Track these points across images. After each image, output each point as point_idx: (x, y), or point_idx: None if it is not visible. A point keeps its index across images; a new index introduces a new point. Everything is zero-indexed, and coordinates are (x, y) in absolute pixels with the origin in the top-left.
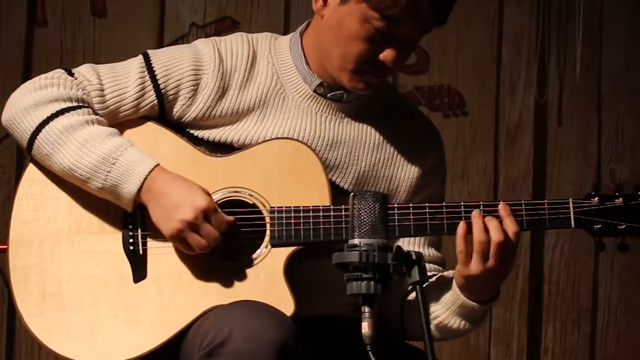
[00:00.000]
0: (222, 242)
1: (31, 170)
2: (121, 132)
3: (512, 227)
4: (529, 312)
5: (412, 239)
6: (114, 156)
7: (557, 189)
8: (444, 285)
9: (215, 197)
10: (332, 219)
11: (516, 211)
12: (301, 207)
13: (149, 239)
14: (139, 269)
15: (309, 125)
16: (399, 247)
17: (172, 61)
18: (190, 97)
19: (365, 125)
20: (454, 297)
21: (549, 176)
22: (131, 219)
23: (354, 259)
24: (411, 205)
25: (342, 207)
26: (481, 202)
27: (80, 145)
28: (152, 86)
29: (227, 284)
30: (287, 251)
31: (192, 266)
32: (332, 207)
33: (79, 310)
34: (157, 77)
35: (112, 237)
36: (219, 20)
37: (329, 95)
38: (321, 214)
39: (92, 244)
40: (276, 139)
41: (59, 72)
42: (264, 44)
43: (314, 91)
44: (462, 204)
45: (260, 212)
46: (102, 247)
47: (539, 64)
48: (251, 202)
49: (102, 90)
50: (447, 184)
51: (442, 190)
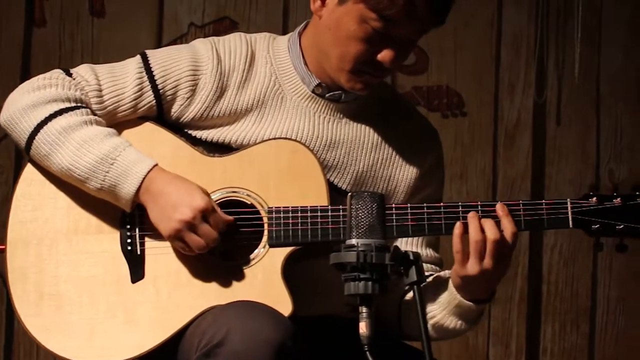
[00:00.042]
0: (220, 242)
1: (29, 170)
2: (119, 132)
3: (509, 227)
4: (527, 312)
5: (410, 239)
6: (112, 156)
7: (556, 189)
8: (441, 285)
9: (213, 197)
10: (330, 219)
11: (514, 211)
12: (299, 208)
13: (146, 239)
14: (137, 269)
15: (307, 125)
16: (396, 247)
17: (170, 61)
18: (188, 98)
19: (363, 125)
20: (451, 297)
21: (548, 176)
22: (129, 219)
23: (352, 259)
24: (409, 205)
25: (340, 207)
26: (479, 202)
27: (78, 145)
28: (150, 86)
29: (225, 284)
30: (285, 251)
31: (190, 266)
32: (330, 207)
33: (77, 310)
34: (155, 78)
35: (110, 237)
36: (217, 20)
37: (327, 95)
38: (319, 214)
39: (90, 244)
40: (274, 139)
41: (57, 73)
42: (262, 44)
43: (312, 91)
44: (460, 204)
45: (258, 213)
46: (100, 247)
47: (538, 64)
48: (249, 203)
49: (100, 90)
50: (446, 184)
51: (440, 190)
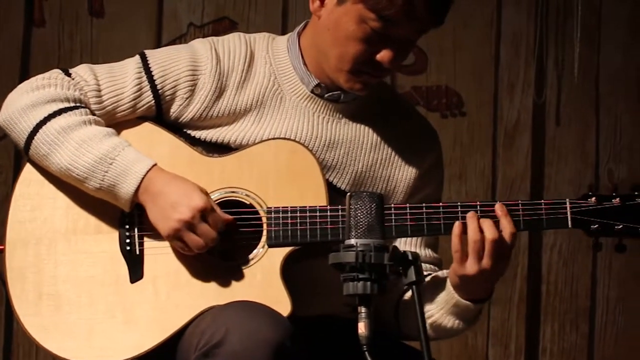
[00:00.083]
0: (219, 242)
1: (28, 170)
2: (118, 132)
3: (508, 228)
4: (527, 312)
5: (408, 239)
6: (111, 156)
7: (556, 189)
8: (438, 284)
9: (212, 197)
10: (328, 220)
11: (513, 211)
12: (298, 208)
13: (145, 239)
14: (136, 269)
15: (306, 125)
16: (395, 247)
17: (170, 61)
18: (187, 98)
19: (362, 125)
20: (448, 296)
21: (547, 176)
22: (128, 219)
23: (351, 260)
24: (408, 205)
25: (339, 207)
26: (478, 203)
27: (77, 145)
28: (149, 86)
29: (224, 284)
30: (284, 251)
31: (189, 266)
32: (329, 207)
33: (75, 310)
34: (155, 78)
35: (109, 237)
36: (216, 20)
37: (326, 95)
38: (318, 214)
39: (89, 244)
40: (273, 139)
41: (56, 73)
42: (261, 44)
43: (312, 92)
44: (459, 204)
45: (257, 213)
46: (99, 247)
47: (537, 64)
48: (248, 203)
49: (99, 90)
50: (445, 184)
51: (439, 190)
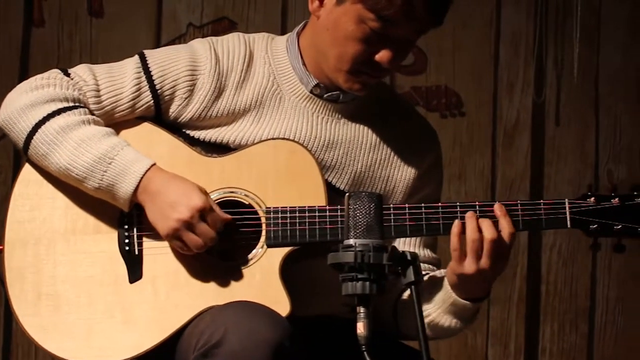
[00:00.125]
0: (218, 242)
1: (27, 170)
2: (117, 132)
3: (507, 228)
4: (526, 312)
5: (407, 239)
6: (110, 156)
7: (555, 189)
8: (436, 284)
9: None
10: (327, 220)
11: (512, 211)
12: (297, 208)
13: (144, 239)
14: (135, 269)
15: (305, 125)
16: (394, 247)
17: (169, 61)
18: (186, 98)
19: (361, 125)
20: (446, 295)
21: (547, 176)
22: (127, 219)
23: (349, 260)
24: (407, 205)
25: (338, 207)
26: (477, 203)
27: (76, 145)
28: (148, 86)
29: (223, 284)
30: (283, 251)
31: (188, 266)
32: (327, 207)
33: (74, 310)
34: (153, 78)
35: (108, 237)
36: (216, 20)
37: (326, 95)
38: (317, 214)
39: (87, 244)
40: (272, 139)
41: (55, 72)
42: (260, 44)
43: (311, 92)
44: (458, 204)
45: (256, 213)
46: (98, 247)
47: (537, 63)
48: (247, 203)
49: (98, 90)
50: (445, 184)
51: (438, 191)
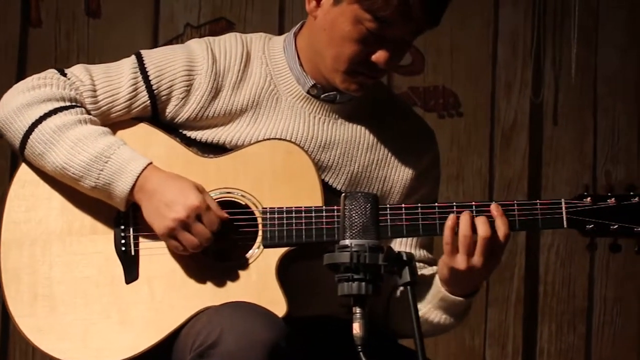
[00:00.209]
0: (215, 242)
1: (23, 171)
2: (113, 133)
3: (502, 228)
4: (524, 313)
5: (403, 240)
6: (106, 155)
7: (553, 189)
8: (426, 281)
9: None
10: (324, 220)
11: (508, 211)
12: (293, 208)
13: (141, 240)
14: (131, 270)
15: (301, 126)
16: (389, 248)
17: (165, 61)
18: (183, 98)
19: (358, 126)
20: (435, 290)
21: (545, 177)
22: (123, 220)
23: (345, 260)
24: (403, 205)
25: (335, 207)
26: (474, 203)
27: (72, 144)
28: (144, 87)
29: (220, 284)
30: (279, 252)
31: (184, 267)
32: (324, 207)
33: (71, 311)
34: (150, 78)
35: (104, 238)
36: (213, 21)
37: (322, 96)
38: (313, 214)
39: (84, 245)
40: (269, 139)
41: (52, 72)
42: (258, 44)
43: (307, 92)
44: (455, 204)
45: (252, 213)
46: (94, 248)
47: (535, 64)
48: (243, 203)
49: (94, 90)
50: (442, 185)
51: (435, 191)
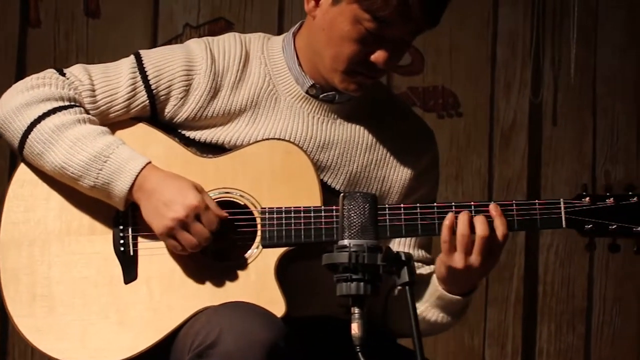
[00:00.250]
0: (213, 242)
1: (22, 171)
2: (112, 133)
3: (501, 228)
4: (523, 313)
5: (401, 240)
6: (105, 154)
7: (552, 189)
8: (423, 280)
9: None
10: (323, 220)
11: (507, 211)
12: (292, 208)
13: (139, 240)
14: (130, 270)
15: (300, 126)
16: (388, 248)
17: (164, 61)
18: (182, 98)
19: (357, 126)
20: (433, 289)
21: (544, 177)
22: (122, 220)
23: (344, 260)
24: (402, 205)
25: (333, 207)
26: (472, 203)
27: (71, 143)
28: (143, 87)
29: (218, 284)
30: (278, 252)
31: (183, 267)
32: (323, 207)
33: (69, 311)
34: (149, 78)
35: (103, 238)
36: (212, 21)
37: (321, 96)
38: (312, 214)
39: (82, 245)
40: (267, 139)
41: (51, 72)
42: (256, 44)
43: (306, 92)
44: (453, 204)
45: (251, 213)
46: (93, 248)
47: (534, 64)
48: (242, 203)
49: (93, 90)
50: (441, 185)
51: (434, 191)
